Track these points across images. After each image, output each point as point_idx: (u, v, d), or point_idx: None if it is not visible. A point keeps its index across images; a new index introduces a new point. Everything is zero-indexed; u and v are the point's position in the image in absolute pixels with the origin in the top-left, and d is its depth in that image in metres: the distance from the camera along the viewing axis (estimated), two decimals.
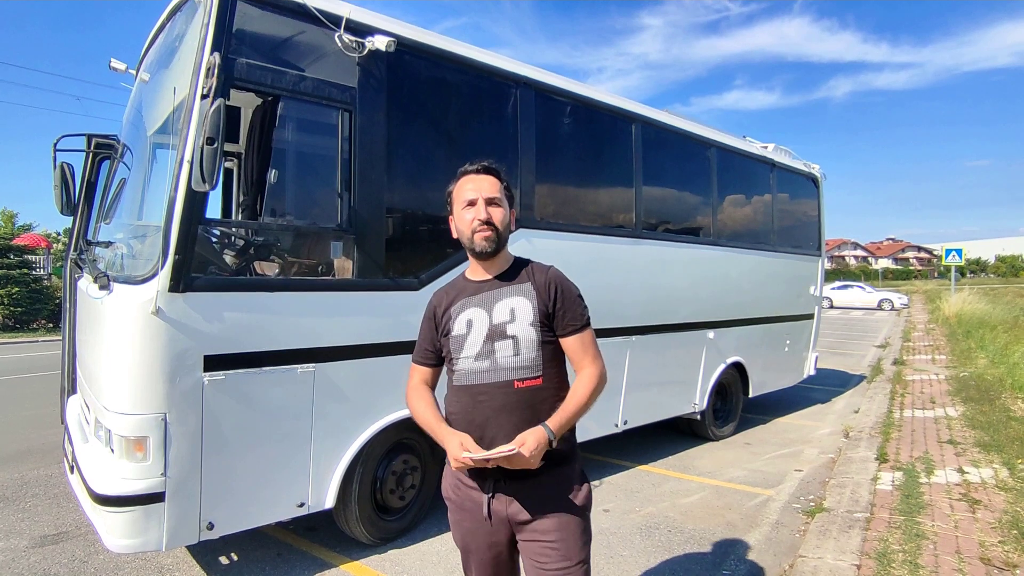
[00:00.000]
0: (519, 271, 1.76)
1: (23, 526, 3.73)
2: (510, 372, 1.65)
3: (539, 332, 1.67)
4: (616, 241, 4.68)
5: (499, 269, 1.75)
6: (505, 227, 1.72)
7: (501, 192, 1.74)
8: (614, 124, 4.80)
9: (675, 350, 5.30)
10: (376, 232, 3.28)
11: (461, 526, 1.76)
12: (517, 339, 1.66)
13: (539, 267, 1.77)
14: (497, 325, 1.67)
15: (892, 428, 5.89)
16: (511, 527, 1.69)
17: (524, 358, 1.65)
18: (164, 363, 2.60)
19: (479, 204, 1.70)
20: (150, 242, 2.87)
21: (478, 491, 1.69)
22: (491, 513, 1.67)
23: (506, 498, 1.66)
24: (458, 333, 1.71)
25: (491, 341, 1.67)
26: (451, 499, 1.78)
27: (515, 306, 1.68)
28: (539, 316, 1.67)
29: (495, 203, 1.71)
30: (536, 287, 1.70)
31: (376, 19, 3.29)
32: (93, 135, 4.18)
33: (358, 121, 3.18)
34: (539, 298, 1.69)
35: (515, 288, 1.71)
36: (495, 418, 1.63)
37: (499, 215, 1.70)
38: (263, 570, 3.25)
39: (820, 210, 7.68)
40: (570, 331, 1.70)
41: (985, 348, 11.21)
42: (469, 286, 1.77)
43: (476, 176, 1.74)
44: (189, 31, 2.92)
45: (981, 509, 3.77)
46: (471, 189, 1.71)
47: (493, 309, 1.69)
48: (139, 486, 2.60)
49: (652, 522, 3.96)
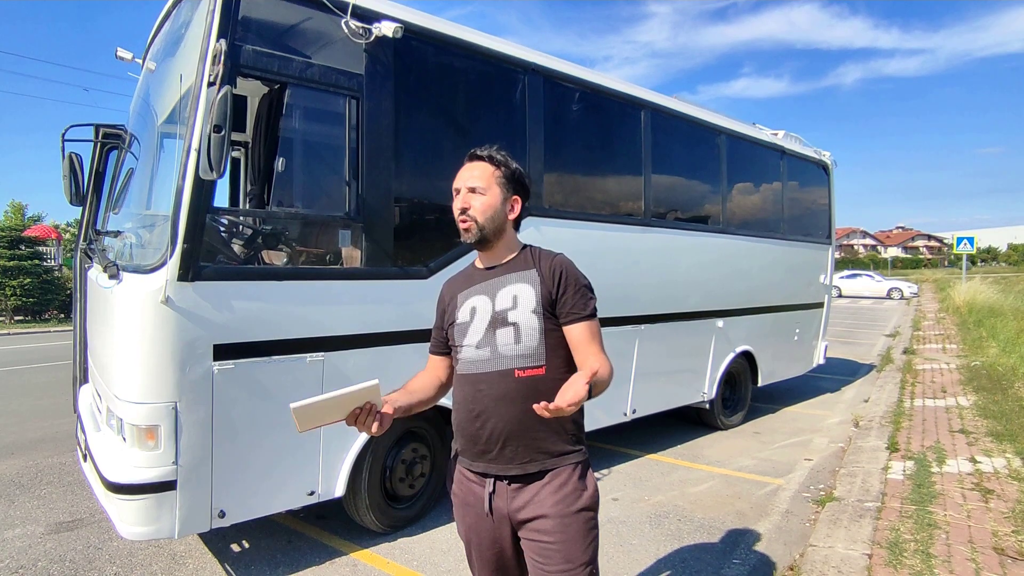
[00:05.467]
0: (526, 258, 1.70)
1: (39, 513, 3.77)
2: (511, 360, 1.59)
3: (542, 320, 1.60)
4: (625, 229, 4.65)
5: (504, 257, 1.70)
6: (489, 216, 1.64)
7: (489, 179, 1.66)
8: (623, 111, 4.75)
9: (684, 339, 5.27)
10: (384, 220, 3.27)
11: (464, 521, 1.73)
12: (518, 326, 1.60)
13: (546, 253, 1.71)
14: (499, 312, 1.62)
15: (902, 417, 5.85)
16: (512, 524, 1.64)
17: (525, 346, 1.59)
18: (174, 352, 2.61)
19: (461, 194, 1.66)
20: (159, 231, 2.87)
21: (480, 485, 1.65)
22: (492, 509, 1.63)
23: (508, 494, 1.62)
24: (461, 321, 1.67)
25: (492, 328, 1.62)
26: (455, 494, 1.75)
27: (518, 293, 1.63)
28: (542, 303, 1.61)
29: (478, 191, 1.64)
30: (541, 273, 1.64)
31: (383, 5, 3.26)
32: (101, 125, 4.18)
33: (365, 108, 3.15)
34: (543, 284, 1.62)
35: (519, 275, 1.66)
36: (494, 408, 1.59)
37: (478, 203, 1.63)
38: (274, 557, 3.28)
39: (830, 198, 7.59)
40: (572, 319, 1.62)
41: (996, 337, 11.10)
42: (476, 274, 1.73)
43: (468, 164, 1.70)
44: (195, 19, 2.90)
45: (994, 499, 3.74)
46: (458, 178, 1.69)
47: (496, 296, 1.65)
48: (151, 474, 2.62)
49: (661, 511, 3.96)
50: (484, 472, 1.64)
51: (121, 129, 4.15)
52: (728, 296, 5.75)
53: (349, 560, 3.27)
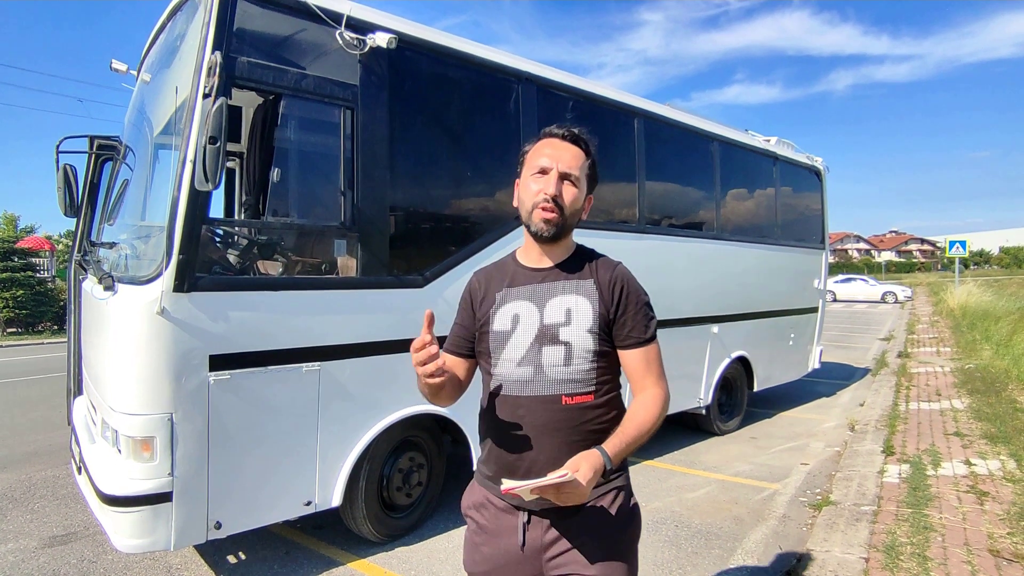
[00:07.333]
0: (582, 263, 1.47)
1: (32, 527, 3.74)
2: (558, 385, 1.39)
3: (596, 341, 1.40)
4: (619, 236, 4.67)
5: (559, 257, 1.47)
6: (575, 212, 1.43)
7: (583, 170, 1.44)
8: (616, 119, 4.79)
9: (679, 345, 5.29)
10: (379, 230, 3.28)
11: (480, 550, 1.49)
12: (570, 346, 1.39)
13: (605, 262, 1.49)
14: (549, 326, 1.40)
15: (898, 421, 5.88)
16: (542, 562, 1.42)
17: (576, 369, 1.39)
18: (170, 363, 2.60)
19: (551, 176, 1.40)
20: (154, 242, 2.88)
21: (512, 515, 1.44)
22: (526, 541, 1.41)
23: (544, 523, 1.41)
24: (500, 329, 1.44)
25: (539, 345, 1.40)
26: (474, 519, 1.52)
27: (572, 306, 1.41)
28: (599, 321, 1.40)
29: (571, 180, 1.41)
30: (599, 286, 1.43)
31: (377, 16, 3.28)
32: (95, 136, 4.18)
33: (360, 118, 3.17)
34: (601, 300, 1.41)
35: (575, 284, 1.43)
36: (537, 437, 1.39)
37: (571, 195, 1.41)
38: (271, 569, 3.26)
39: (823, 203, 7.66)
40: (632, 343, 1.42)
41: (990, 340, 11.17)
42: (520, 273, 1.48)
43: (559, 142, 1.44)
44: (190, 30, 2.92)
45: (989, 501, 3.75)
46: (548, 155, 1.41)
47: (546, 306, 1.42)
48: (146, 486, 2.60)
49: (659, 517, 3.96)
50: (519, 505, 1.43)
51: (116, 140, 4.16)
52: (723, 302, 5.77)
53: (346, 570, 3.26)
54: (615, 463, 1.32)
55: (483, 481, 1.53)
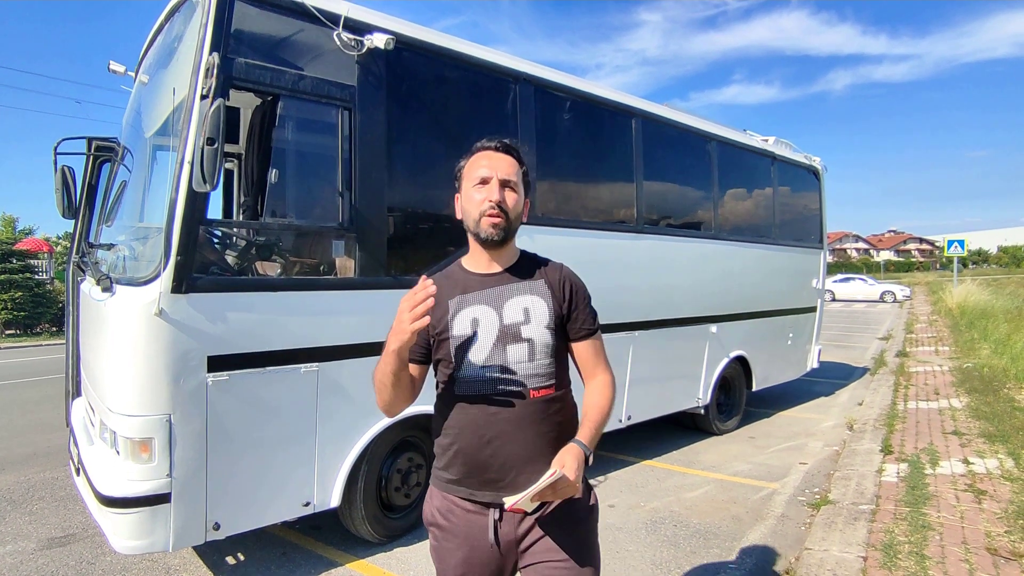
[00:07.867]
0: (531, 267, 1.57)
1: (30, 529, 3.74)
2: (525, 380, 1.47)
3: (554, 336, 1.50)
4: (618, 236, 4.68)
5: (507, 262, 1.56)
6: (517, 216, 1.52)
7: (519, 176, 1.54)
8: (614, 119, 4.79)
9: (678, 345, 5.29)
10: (377, 230, 3.28)
11: (453, 555, 1.51)
12: (532, 342, 1.48)
13: (552, 264, 1.61)
14: (509, 326, 1.48)
15: (896, 420, 5.89)
16: (517, 554, 1.50)
17: (539, 364, 1.48)
18: (168, 364, 2.60)
19: (492, 184, 1.49)
20: (152, 244, 2.87)
21: (482, 515, 1.49)
22: (499, 538, 1.47)
23: (515, 519, 1.48)
24: (460, 333, 1.49)
25: (502, 344, 1.47)
26: (439, 525, 1.54)
27: (529, 306, 1.50)
28: (555, 318, 1.51)
29: (510, 186, 1.51)
30: (550, 285, 1.54)
31: (375, 17, 3.29)
32: (93, 138, 4.18)
33: (358, 119, 3.17)
34: (554, 298, 1.52)
35: (528, 285, 1.53)
36: (511, 432, 1.45)
37: (512, 200, 1.50)
38: (269, 569, 3.26)
39: (821, 203, 7.66)
40: (584, 334, 1.56)
41: (988, 339, 11.18)
42: (472, 279, 1.55)
43: (493, 153, 1.53)
44: (187, 32, 2.92)
45: (987, 499, 3.76)
46: (486, 166, 1.51)
47: (504, 308, 1.50)
48: (145, 487, 2.60)
49: (657, 517, 3.96)
50: (491, 502, 1.48)
51: (114, 142, 4.16)
52: (721, 301, 5.78)
53: (345, 571, 3.26)
54: (592, 449, 1.46)
55: (446, 486, 1.54)
